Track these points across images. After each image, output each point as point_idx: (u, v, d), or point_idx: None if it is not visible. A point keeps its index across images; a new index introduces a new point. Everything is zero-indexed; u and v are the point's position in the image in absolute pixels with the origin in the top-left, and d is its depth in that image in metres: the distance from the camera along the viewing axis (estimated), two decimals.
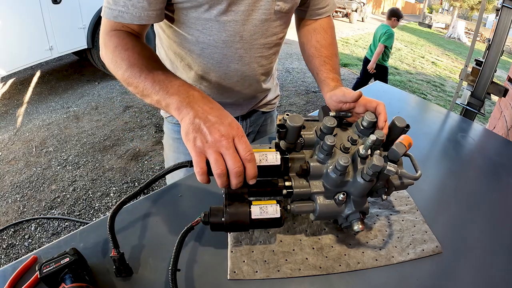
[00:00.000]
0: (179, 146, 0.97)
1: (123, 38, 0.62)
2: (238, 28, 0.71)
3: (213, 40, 0.72)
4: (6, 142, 2.77)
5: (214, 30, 0.70)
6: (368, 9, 16.26)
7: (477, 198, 0.80)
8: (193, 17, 0.68)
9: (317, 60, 0.81)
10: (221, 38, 0.72)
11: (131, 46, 0.61)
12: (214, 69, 0.79)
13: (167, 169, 0.56)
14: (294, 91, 4.44)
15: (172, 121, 0.97)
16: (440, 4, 31.82)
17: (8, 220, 2.04)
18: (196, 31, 0.71)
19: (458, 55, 10.66)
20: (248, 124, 1.01)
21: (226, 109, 0.89)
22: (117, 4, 0.60)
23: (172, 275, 0.49)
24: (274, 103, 1.06)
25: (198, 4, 0.65)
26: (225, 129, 0.48)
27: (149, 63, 0.59)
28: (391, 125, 0.59)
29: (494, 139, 1.15)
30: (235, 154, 0.47)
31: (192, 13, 0.67)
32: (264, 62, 0.83)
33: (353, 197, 0.56)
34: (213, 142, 0.47)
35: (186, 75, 0.83)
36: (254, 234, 0.61)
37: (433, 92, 5.84)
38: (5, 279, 0.50)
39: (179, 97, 0.53)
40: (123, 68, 0.59)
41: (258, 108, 1.01)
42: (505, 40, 2.35)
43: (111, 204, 2.23)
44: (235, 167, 0.47)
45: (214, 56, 0.76)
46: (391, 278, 0.57)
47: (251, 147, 0.49)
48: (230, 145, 0.47)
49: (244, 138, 0.49)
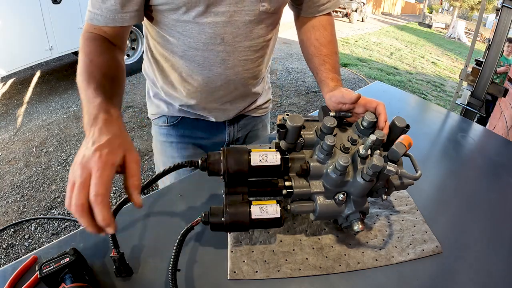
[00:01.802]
0: (166, 149, 0.95)
1: (89, 42, 0.62)
2: (219, 30, 0.69)
3: (194, 43, 0.71)
4: (6, 142, 2.77)
5: (194, 32, 0.69)
6: (368, 9, 16.26)
7: (477, 198, 0.80)
8: (172, 19, 0.67)
9: (316, 59, 0.79)
10: (201, 41, 0.70)
11: (89, 51, 0.61)
12: (197, 72, 0.77)
13: (167, 169, 0.56)
14: (294, 91, 4.44)
15: (158, 123, 0.94)
16: (440, 4, 31.82)
17: (8, 220, 2.04)
18: (177, 33, 0.70)
19: (458, 55, 10.67)
20: (236, 129, 0.97)
21: (212, 113, 0.88)
22: (94, 7, 0.61)
23: (172, 275, 0.49)
24: (265, 107, 1.02)
25: (175, 6, 0.64)
26: (87, 160, 0.43)
27: (93, 74, 0.56)
28: (391, 125, 0.59)
29: (494, 139, 1.15)
30: (80, 189, 0.41)
31: (171, 15, 0.66)
32: (250, 66, 0.80)
33: (353, 197, 0.56)
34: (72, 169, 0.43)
35: (172, 77, 0.81)
36: (254, 234, 0.61)
37: (433, 92, 5.84)
38: (5, 279, 0.50)
39: (88, 118, 0.49)
40: (78, 72, 0.58)
41: (248, 113, 0.97)
42: (505, 40, 2.36)
43: (111, 204, 2.23)
44: (94, 193, 0.41)
45: (196, 59, 0.74)
46: (391, 278, 0.57)
47: (106, 188, 0.41)
48: (83, 178, 0.41)
49: (100, 173, 0.41)
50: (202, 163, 0.53)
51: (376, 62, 7.06)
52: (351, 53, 7.53)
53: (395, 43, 10.31)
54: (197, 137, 0.94)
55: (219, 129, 0.94)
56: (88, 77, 0.56)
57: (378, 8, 24.69)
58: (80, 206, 0.40)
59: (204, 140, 0.95)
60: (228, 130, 0.95)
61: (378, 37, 10.98)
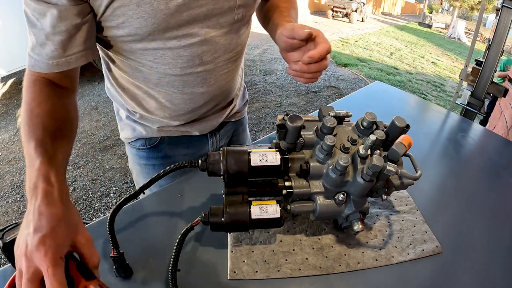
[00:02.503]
0: (149, 171, 0.87)
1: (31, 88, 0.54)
2: (196, 51, 0.62)
3: (169, 69, 0.64)
4: (6, 142, 2.77)
5: (168, 59, 0.62)
6: (368, 9, 16.26)
7: (477, 198, 0.80)
8: (140, 48, 0.59)
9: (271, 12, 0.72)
10: (178, 66, 0.63)
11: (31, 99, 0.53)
12: (176, 97, 0.70)
13: (167, 169, 0.56)
14: (294, 91, 4.44)
15: (135, 146, 0.85)
16: (440, 4, 31.83)
17: (8, 220, 2.04)
18: (148, 62, 0.62)
19: (458, 55, 10.66)
20: (218, 138, 0.92)
21: (195, 127, 0.83)
22: (33, 51, 0.53)
23: (172, 275, 0.49)
24: (242, 111, 0.97)
25: (140, 38, 0.57)
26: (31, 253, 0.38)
27: (33, 128, 0.49)
28: (391, 125, 0.59)
29: (494, 139, 1.15)
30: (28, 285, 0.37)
31: (136, 44, 0.59)
32: (231, 76, 0.75)
33: (353, 197, 0.56)
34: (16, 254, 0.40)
35: (147, 104, 0.74)
36: (254, 234, 0.61)
37: (433, 92, 5.84)
38: (5, 279, 0.50)
39: (28, 184, 0.44)
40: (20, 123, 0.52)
41: (227, 119, 0.91)
42: (505, 40, 2.36)
43: (111, 204, 2.23)
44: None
45: (175, 84, 0.67)
46: (391, 278, 0.57)
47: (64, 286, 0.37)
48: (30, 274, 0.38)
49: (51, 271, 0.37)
50: (202, 163, 0.53)
51: (376, 62, 7.06)
52: (351, 53, 7.53)
53: (395, 43, 10.31)
54: (180, 154, 0.88)
55: (201, 142, 0.89)
56: (28, 131, 0.49)
57: (378, 8, 24.68)
58: None
59: (186, 157, 0.89)
60: (211, 141, 0.91)
61: (378, 37, 10.98)
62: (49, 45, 0.52)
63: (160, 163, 0.87)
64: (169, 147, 0.85)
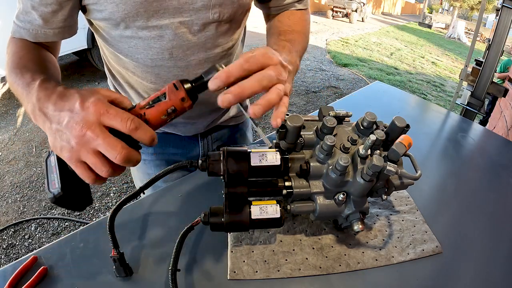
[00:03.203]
0: (140, 166, 0.89)
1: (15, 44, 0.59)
2: (165, 45, 0.62)
3: (142, 59, 0.65)
4: (6, 142, 2.77)
5: (139, 48, 0.63)
6: (368, 9, 16.27)
7: (477, 198, 0.80)
8: (117, 34, 0.61)
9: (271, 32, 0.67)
10: (148, 57, 0.64)
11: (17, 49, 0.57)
12: (151, 90, 0.71)
13: (167, 169, 0.56)
14: (294, 91, 4.44)
15: None
16: (440, 4, 31.83)
17: (8, 220, 2.04)
18: (124, 49, 0.64)
19: (458, 55, 10.67)
20: (210, 141, 0.91)
21: (178, 128, 0.82)
22: (18, 18, 0.58)
23: (172, 275, 0.49)
24: (240, 116, 0.96)
25: (114, 22, 0.58)
26: (80, 118, 0.38)
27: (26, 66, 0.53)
28: (391, 125, 0.59)
29: (494, 139, 1.15)
30: (108, 139, 0.38)
31: (114, 31, 0.61)
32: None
33: (353, 197, 0.56)
34: (78, 143, 0.39)
35: (130, 94, 0.76)
36: (254, 234, 0.61)
37: (433, 92, 5.84)
38: (5, 279, 0.50)
39: (31, 104, 0.45)
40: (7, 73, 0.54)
41: (222, 123, 0.90)
42: (505, 40, 2.36)
43: (111, 204, 2.23)
44: (116, 155, 0.38)
45: (147, 76, 0.68)
46: (391, 278, 0.57)
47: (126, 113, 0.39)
48: (97, 132, 0.38)
49: (111, 110, 0.39)
50: (202, 163, 0.53)
51: (376, 62, 7.06)
52: (351, 53, 7.53)
53: (395, 43, 10.32)
54: (170, 153, 0.89)
55: (191, 143, 0.89)
56: (21, 70, 0.51)
57: (378, 8, 24.69)
58: (122, 152, 0.38)
59: (177, 156, 0.90)
60: (202, 144, 0.90)
61: (378, 37, 10.99)
62: (33, 14, 0.55)
63: (150, 158, 0.88)
64: (159, 145, 0.84)
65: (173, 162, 0.90)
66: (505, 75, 3.80)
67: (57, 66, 0.61)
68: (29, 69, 0.52)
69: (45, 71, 0.53)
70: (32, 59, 0.56)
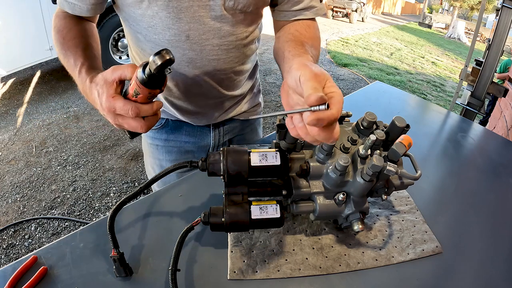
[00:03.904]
0: (153, 151, 0.94)
1: (59, 20, 0.68)
2: (183, 27, 0.65)
3: (159, 40, 0.68)
4: (6, 142, 2.77)
5: (158, 29, 0.66)
6: (368, 9, 16.26)
7: (477, 198, 0.80)
8: (139, 14, 0.65)
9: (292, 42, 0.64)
10: (166, 38, 0.67)
11: (60, 27, 0.66)
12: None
13: (167, 169, 0.56)
14: None
15: None
16: (440, 4, 31.84)
17: (8, 220, 2.04)
18: (144, 29, 0.68)
19: (458, 55, 10.67)
20: (222, 132, 0.94)
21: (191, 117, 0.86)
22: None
23: (172, 275, 0.49)
24: (253, 111, 0.98)
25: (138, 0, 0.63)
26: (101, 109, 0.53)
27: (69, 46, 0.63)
28: (391, 125, 0.59)
29: (494, 139, 1.15)
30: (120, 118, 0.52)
31: (136, 10, 0.65)
32: (223, 66, 0.74)
33: (353, 197, 0.56)
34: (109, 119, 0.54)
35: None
36: (254, 234, 0.61)
37: (433, 92, 5.84)
38: (5, 279, 0.50)
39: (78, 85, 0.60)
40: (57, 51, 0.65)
41: (234, 117, 0.93)
42: (505, 40, 2.36)
43: (111, 204, 2.23)
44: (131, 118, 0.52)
45: None
46: (391, 278, 0.57)
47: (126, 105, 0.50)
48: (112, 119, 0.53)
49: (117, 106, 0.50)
50: (202, 163, 0.53)
51: (376, 62, 7.06)
52: (351, 53, 7.53)
53: (395, 43, 10.32)
54: (182, 141, 0.92)
55: (203, 133, 0.92)
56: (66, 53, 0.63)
57: (378, 8, 24.69)
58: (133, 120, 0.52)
59: (188, 145, 0.93)
60: (213, 134, 0.93)
61: (378, 37, 10.99)
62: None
63: (163, 144, 0.93)
64: (172, 131, 0.91)
65: (184, 150, 0.94)
66: (505, 76, 3.80)
67: (95, 36, 0.70)
68: (71, 52, 0.62)
69: (83, 52, 0.63)
70: (73, 38, 0.65)
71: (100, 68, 0.62)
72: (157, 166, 0.97)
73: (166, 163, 0.95)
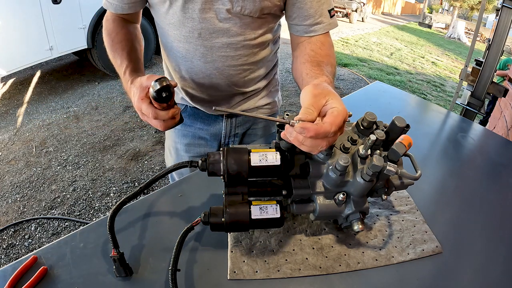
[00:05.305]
0: (171, 133, 1.04)
1: (108, 24, 0.80)
2: (196, 26, 0.74)
3: (177, 35, 0.78)
4: (6, 142, 2.77)
5: (176, 25, 0.76)
6: (368, 9, 16.27)
7: (477, 198, 0.80)
8: (163, 12, 0.76)
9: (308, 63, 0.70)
10: (182, 33, 0.77)
11: (109, 31, 0.78)
12: (181, 63, 0.84)
13: (167, 169, 0.56)
14: (294, 91, 4.44)
15: None
16: (440, 4, 31.84)
17: (8, 220, 2.04)
18: (166, 25, 0.78)
19: (458, 55, 10.67)
20: (234, 124, 0.99)
21: (204, 106, 0.95)
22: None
23: (172, 275, 0.49)
24: (267, 109, 1.01)
25: (161, 0, 0.73)
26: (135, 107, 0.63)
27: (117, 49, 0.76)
28: (391, 125, 0.59)
29: (494, 139, 1.15)
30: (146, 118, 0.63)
31: (161, 8, 0.75)
32: (232, 63, 0.81)
33: (353, 197, 0.56)
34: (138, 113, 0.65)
35: (169, 66, 0.91)
36: (254, 234, 0.61)
37: (433, 92, 5.84)
38: (5, 279, 0.50)
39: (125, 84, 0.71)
40: (107, 51, 0.78)
41: (248, 111, 0.96)
42: (505, 40, 2.36)
43: (111, 204, 2.23)
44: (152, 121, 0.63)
45: (180, 50, 0.81)
46: (391, 278, 0.57)
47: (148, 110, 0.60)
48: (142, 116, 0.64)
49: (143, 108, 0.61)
50: (202, 163, 0.53)
51: (376, 62, 7.06)
52: (351, 53, 7.53)
53: (395, 43, 10.32)
54: (197, 127, 0.99)
55: (216, 121, 0.98)
56: (114, 55, 0.76)
57: (378, 8, 24.69)
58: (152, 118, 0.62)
59: (202, 131, 0.99)
60: (225, 124, 0.97)
61: (378, 37, 10.99)
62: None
63: (180, 127, 1.00)
64: (189, 117, 0.98)
65: (198, 136, 1.00)
66: (504, 73, 3.80)
67: (138, 37, 0.83)
68: (118, 54, 0.75)
69: (128, 55, 0.75)
70: (120, 41, 0.77)
71: (141, 69, 0.76)
72: (173, 149, 1.06)
73: (180, 146, 1.03)
